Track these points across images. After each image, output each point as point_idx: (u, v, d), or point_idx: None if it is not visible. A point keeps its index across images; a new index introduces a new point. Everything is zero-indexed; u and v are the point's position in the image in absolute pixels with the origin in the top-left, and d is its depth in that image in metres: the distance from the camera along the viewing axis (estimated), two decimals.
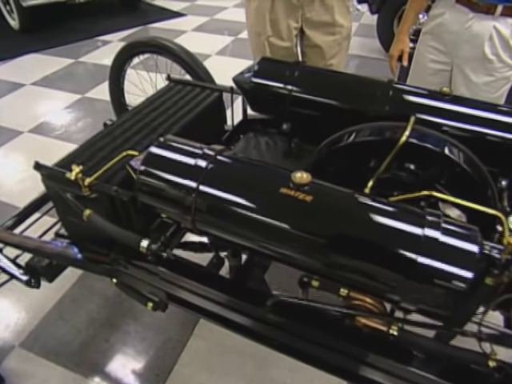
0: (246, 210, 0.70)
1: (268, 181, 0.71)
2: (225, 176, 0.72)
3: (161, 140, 0.78)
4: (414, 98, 1.03)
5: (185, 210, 0.72)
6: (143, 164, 0.75)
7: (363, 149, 0.94)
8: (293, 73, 1.09)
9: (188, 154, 0.74)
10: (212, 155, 0.73)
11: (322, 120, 1.14)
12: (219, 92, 1.31)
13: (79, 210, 0.89)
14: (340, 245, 0.65)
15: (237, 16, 4.58)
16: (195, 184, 0.70)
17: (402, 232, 0.62)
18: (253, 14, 1.51)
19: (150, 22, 4.34)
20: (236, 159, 0.76)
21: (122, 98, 2.13)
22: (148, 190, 0.76)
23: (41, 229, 1.38)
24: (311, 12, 1.45)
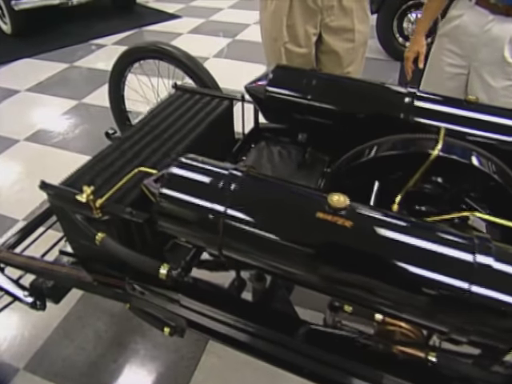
0: (279, 235, 0.65)
1: (302, 204, 0.66)
2: (255, 198, 0.67)
3: (181, 160, 0.73)
4: (438, 106, 0.98)
5: (211, 236, 0.67)
6: (163, 186, 0.69)
7: (388, 163, 0.90)
8: (310, 81, 1.04)
9: (213, 175, 0.69)
10: (239, 176, 0.68)
11: (340, 130, 1.09)
12: (229, 100, 1.26)
13: (91, 233, 0.84)
14: (383, 273, 0.61)
15: (233, 17, 4.53)
16: (223, 207, 0.65)
17: (451, 259, 0.58)
18: (269, 18, 1.44)
19: (144, 25, 4.27)
20: (265, 179, 0.71)
21: (123, 104, 2.07)
22: (169, 214, 0.70)
23: (44, 245, 1.33)
24: (330, 17, 1.39)
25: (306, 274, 0.65)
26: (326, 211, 0.64)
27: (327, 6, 1.36)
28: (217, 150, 1.29)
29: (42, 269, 1.08)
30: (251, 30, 4.21)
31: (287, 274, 0.68)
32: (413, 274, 0.60)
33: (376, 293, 0.62)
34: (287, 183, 0.71)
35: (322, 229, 0.63)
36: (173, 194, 0.69)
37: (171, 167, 0.71)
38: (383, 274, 0.61)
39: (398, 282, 0.60)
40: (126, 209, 0.83)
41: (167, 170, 0.72)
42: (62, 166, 2.28)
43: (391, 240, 0.62)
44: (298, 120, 1.10)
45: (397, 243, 0.62)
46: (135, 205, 0.89)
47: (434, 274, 0.59)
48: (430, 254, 0.60)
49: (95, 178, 0.95)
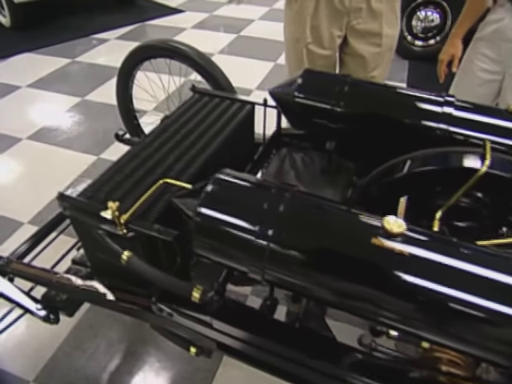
0: (329, 262, 0.60)
1: (355, 228, 0.61)
2: (304, 221, 0.62)
3: (220, 176, 0.67)
4: (478, 116, 0.94)
5: (254, 260, 0.62)
6: (201, 205, 0.64)
7: (428, 179, 0.85)
8: (341, 87, 0.99)
9: (256, 194, 0.64)
10: (286, 196, 0.63)
11: (371, 139, 1.04)
12: (251, 105, 1.21)
13: (116, 251, 0.78)
14: (444, 304, 0.56)
15: (237, 12, 4.45)
16: (269, 230, 0.60)
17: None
18: (292, 18, 1.39)
19: (147, 19, 4.18)
20: (313, 199, 0.66)
21: (131, 104, 2.01)
22: (207, 236, 0.65)
23: (54, 251, 1.28)
24: (357, 19, 1.33)
25: (356, 302, 0.61)
26: (381, 236, 0.59)
27: (355, 7, 1.30)
28: (239, 156, 1.24)
29: (55, 283, 1.02)
30: (256, 26, 4.13)
31: (335, 301, 0.63)
32: (476, 306, 0.55)
33: (435, 324, 0.57)
34: (336, 203, 0.66)
35: (377, 256, 0.58)
36: (212, 214, 0.64)
37: (209, 185, 0.66)
38: (444, 304, 0.56)
39: (460, 314, 0.56)
40: (153, 225, 0.78)
41: (205, 188, 0.66)
42: (66, 166, 2.23)
43: (453, 269, 0.57)
44: (327, 127, 1.05)
45: (458, 272, 0.57)
46: (161, 220, 0.84)
47: (501, 305, 0.54)
48: (493, 283, 0.56)
49: (116, 189, 0.90)
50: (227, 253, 0.65)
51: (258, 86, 2.99)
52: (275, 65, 3.35)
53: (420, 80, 3.20)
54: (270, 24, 4.18)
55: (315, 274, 0.62)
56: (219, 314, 0.75)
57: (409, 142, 0.99)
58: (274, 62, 3.38)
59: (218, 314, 0.75)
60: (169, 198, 0.87)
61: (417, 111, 0.97)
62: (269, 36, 3.87)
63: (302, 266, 0.61)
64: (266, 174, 1.17)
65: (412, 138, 0.98)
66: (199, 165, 0.97)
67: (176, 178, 0.93)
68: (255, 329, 0.77)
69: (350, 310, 0.63)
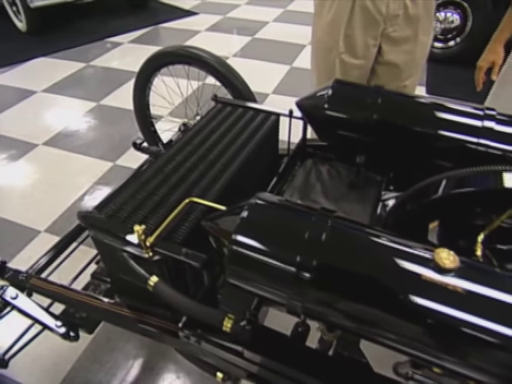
0: (374, 296, 0.55)
1: (403, 260, 0.56)
2: (347, 251, 0.57)
3: (256, 202, 0.63)
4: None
5: (293, 292, 0.57)
6: (237, 233, 0.60)
7: (467, 201, 0.80)
8: (375, 99, 0.94)
9: (296, 222, 0.60)
10: (327, 224, 0.59)
11: (404, 153, 0.99)
12: (276, 116, 1.17)
13: (142, 275, 0.75)
14: (504, 347, 0.51)
15: (251, 14, 4.42)
16: (310, 261, 0.56)
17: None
18: (325, 27, 1.33)
19: (160, 22, 4.16)
20: (355, 227, 0.61)
21: (147, 110, 1.98)
22: (243, 266, 0.61)
23: (73, 263, 1.26)
24: (394, 26, 1.27)
25: (402, 339, 0.56)
26: (432, 271, 0.54)
27: (392, 14, 1.24)
28: (263, 169, 1.20)
29: (76, 302, 0.99)
30: (270, 28, 4.09)
31: (378, 339, 0.58)
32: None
33: (496, 368, 0.52)
34: (379, 231, 0.62)
35: (428, 293, 0.54)
36: (248, 243, 0.59)
37: (245, 210, 0.62)
38: (505, 346, 0.51)
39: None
40: (181, 249, 0.74)
41: (240, 213, 0.62)
42: (82, 172, 2.21)
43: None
44: (358, 140, 1.00)
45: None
46: (187, 241, 0.80)
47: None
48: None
49: (139, 207, 0.86)
50: (264, 283, 0.61)
51: (274, 90, 2.95)
52: (291, 68, 3.30)
53: (439, 83, 3.12)
54: (285, 26, 4.13)
55: (360, 309, 0.57)
56: (251, 344, 0.71)
57: (445, 158, 0.95)
58: (290, 66, 3.34)
59: (250, 344, 0.71)
60: (195, 218, 0.83)
61: (454, 125, 0.91)
62: (284, 38, 3.82)
63: (346, 300, 0.57)
64: (291, 187, 1.12)
65: (448, 154, 0.93)
66: (225, 181, 0.93)
67: (201, 195, 0.89)
68: (288, 358, 0.73)
69: (396, 348, 0.58)
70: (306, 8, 4.61)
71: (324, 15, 1.32)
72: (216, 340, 0.73)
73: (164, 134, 2.00)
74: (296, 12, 4.51)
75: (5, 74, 3.18)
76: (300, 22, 4.20)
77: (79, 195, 2.04)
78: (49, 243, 1.80)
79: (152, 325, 0.85)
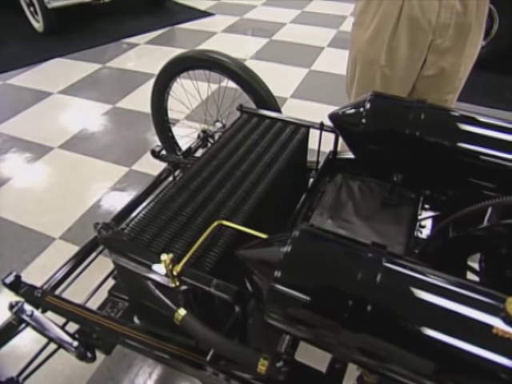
0: (435, 347, 0.49)
1: (468, 308, 0.50)
2: (406, 295, 0.51)
3: (300, 235, 0.57)
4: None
5: (344, 338, 0.51)
6: (280, 269, 0.54)
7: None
8: (418, 115, 0.87)
9: (346, 259, 0.53)
10: (381, 263, 0.52)
11: (444, 171, 0.92)
12: (306, 128, 1.10)
13: (168, 305, 0.69)
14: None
15: (268, 15, 4.35)
16: (365, 305, 0.49)
17: None
18: (368, 38, 1.23)
19: (176, 23, 4.12)
20: (414, 267, 0.55)
21: (165, 116, 1.93)
22: (285, 308, 0.55)
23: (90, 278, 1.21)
24: (443, 37, 1.16)
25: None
26: (501, 320, 0.47)
27: (443, 24, 1.13)
28: (292, 184, 1.14)
29: (92, 323, 0.94)
30: (288, 30, 4.02)
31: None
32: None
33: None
34: (441, 273, 0.55)
35: (499, 347, 0.47)
36: (293, 283, 0.53)
37: (289, 245, 0.55)
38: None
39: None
40: (211, 280, 0.68)
41: (282, 247, 0.56)
42: (97, 177, 2.17)
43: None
44: (396, 157, 0.94)
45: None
46: (216, 270, 0.74)
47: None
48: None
49: (164, 229, 0.81)
50: (308, 327, 0.54)
51: (293, 95, 2.87)
52: (309, 71, 3.23)
53: (464, 88, 3.02)
54: (303, 28, 4.05)
55: (417, 361, 0.50)
56: (287, 383, 0.65)
57: (487, 178, 0.87)
58: (309, 69, 3.26)
59: (286, 383, 0.65)
60: (224, 244, 0.78)
61: (499, 143, 0.84)
62: (302, 40, 3.75)
63: (402, 350, 0.50)
64: (322, 205, 1.06)
65: (491, 175, 0.86)
66: (255, 201, 0.87)
67: (230, 216, 0.83)
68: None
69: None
70: (324, 9, 4.53)
71: (366, 25, 1.22)
72: (249, 379, 0.67)
73: (182, 140, 1.95)
74: (313, 13, 4.43)
75: (21, 76, 3.16)
76: (318, 24, 4.13)
77: (94, 201, 2.00)
78: (63, 251, 1.78)
79: (175, 354, 0.79)
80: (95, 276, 1.23)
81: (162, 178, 1.52)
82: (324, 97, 2.80)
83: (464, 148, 0.87)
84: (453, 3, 1.11)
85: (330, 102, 2.74)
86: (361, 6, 1.22)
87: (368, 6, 1.19)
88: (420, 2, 1.11)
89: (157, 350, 0.82)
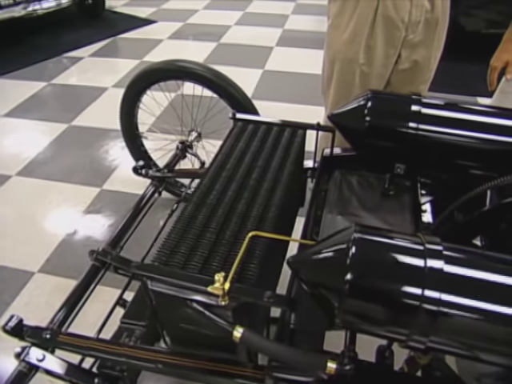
0: (501, 322, 0.53)
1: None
2: (471, 278, 0.54)
3: (360, 236, 0.58)
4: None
5: (419, 328, 0.54)
6: (351, 272, 0.55)
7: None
8: (418, 108, 0.92)
9: (409, 253, 0.56)
10: (443, 252, 0.56)
11: (442, 159, 0.98)
12: (303, 130, 1.13)
13: (219, 324, 0.68)
14: None
15: (211, 19, 4.34)
16: (437, 293, 0.52)
17: None
18: (346, 39, 1.29)
19: (119, 33, 3.98)
20: (466, 251, 0.58)
21: (136, 130, 1.87)
22: (361, 307, 0.56)
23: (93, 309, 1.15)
24: (414, 33, 1.26)
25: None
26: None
27: (414, 21, 1.23)
28: (295, 185, 1.15)
29: (120, 355, 0.90)
30: (234, 32, 4.04)
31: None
32: None
33: None
34: (496, 256, 0.59)
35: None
36: (366, 282, 0.55)
37: (352, 246, 0.57)
38: None
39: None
40: (262, 292, 0.69)
41: (345, 249, 0.57)
42: (67, 202, 2.05)
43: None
44: (398, 150, 0.98)
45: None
46: (259, 281, 0.74)
47: None
48: None
49: (195, 248, 0.79)
50: (384, 322, 0.56)
51: (253, 96, 2.89)
52: (264, 71, 3.27)
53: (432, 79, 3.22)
54: (248, 29, 4.09)
55: (485, 335, 0.55)
56: (353, 380, 0.67)
57: (489, 162, 0.95)
58: (262, 69, 3.30)
59: (353, 380, 0.67)
60: (261, 254, 0.78)
61: (497, 129, 0.91)
62: (250, 42, 3.78)
63: (477, 329, 0.54)
64: (328, 203, 1.09)
65: (492, 159, 0.93)
66: (276, 208, 0.88)
67: (258, 226, 0.83)
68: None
69: None
70: (265, 9, 4.60)
71: (343, 27, 1.28)
72: (312, 382, 0.68)
73: (156, 153, 1.90)
74: (256, 14, 4.49)
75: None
76: (262, 24, 4.18)
77: (70, 227, 1.89)
78: (46, 285, 1.67)
79: (225, 373, 0.78)
80: (100, 307, 1.18)
81: (148, 196, 1.48)
82: (284, 96, 2.86)
83: (458, 134, 0.94)
84: (422, 2, 1.20)
85: (291, 100, 2.81)
86: (335, 9, 1.28)
87: (343, 9, 1.25)
88: (394, 2, 1.18)
89: (199, 372, 0.81)
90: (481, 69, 1.90)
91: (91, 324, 1.19)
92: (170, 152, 1.70)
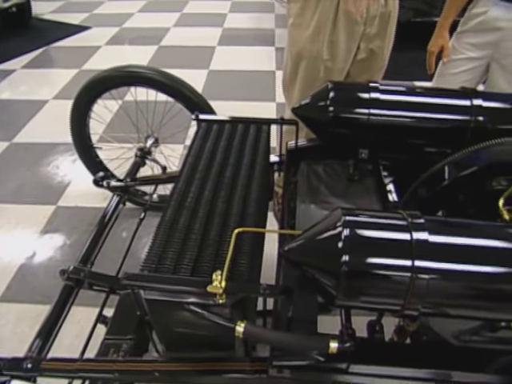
0: (484, 280, 0.59)
1: (500, 241, 0.61)
2: (456, 244, 0.60)
3: (350, 219, 0.62)
4: (501, 104, 0.99)
5: (414, 296, 0.58)
6: (347, 253, 0.58)
7: (485, 174, 0.88)
8: (376, 95, 0.98)
9: (394, 228, 0.60)
10: (425, 224, 0.61)
11: (404, 141, 1.05)
12: (267, 125, 1.15)
13: (220, 325, 0.69)
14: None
15: (148, 22, 4.25)
16: (427, 262, 0.57)
17: None
18: (309, 37, 1.33)
19: (51, 42, 3.78)
20: (451, 221, 0.64)
21: (90, 141, 1.81)
22: (359, 285, 0.60)
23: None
24: (371, 27, 1.33)
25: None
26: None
27: (371, 16, 1.31)
28: (267, 180, 1.17)
29: (109, 372, 0.87)
30: (174, 34, 3.99)
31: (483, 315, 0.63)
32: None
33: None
34: (469, 222, 0.65)
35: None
36: (362, 260, 0.58)
37: (345, 228, 0.60)
38: None
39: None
40: (257, 286, 0.70)
41: (337, 233, 0.60)
42: (23, 223, 1.93)
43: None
44: (360, 136, 1.04)
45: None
46: (252, 275, 0.76)
47: None
48: None
49: (183, 252, 0.79)
50: (381, 296, 0.60)
51: None
52: (209, 72, 3.26)
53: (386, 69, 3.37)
54: (188, 30, 4.06)
55: (471, 294, 0.60)
56: (355, 357, 0.70)
57: (442, 140, 1.03)
58: (208, 69, 3.29)
59: (354, 357, 0.70)
60: (249, 249, 0.79)
61: (447, 107, 1.00)
62: (192, 43, 3.76)
63: (461, 290, 0.60)
64: (299, 194, 1.12)
65: (444, 136, 1.01)
66: (255, 203, 0.90)
67: (241, 223, 0.85)
68: (388, 357, 0.74)
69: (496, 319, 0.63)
70: (203, 9, 4.58)
71: (305, 25, 1.33)
72: (315, 364, 0.71)
73: (113, 164, 1.85)
74: (194, 14, 4.46)
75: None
76: (202, 24, 4.17)
77: (28, 250, 1.79)
78: (9, 314, 1.57)
79: (225, 371, 0.79)
80: (78, 328, 1.13)
81: (113, 207, 1.43)
82: (232, 94, 2.87)
83: (413, 116, 1.01)
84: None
85: (240, 97, 2.83)
86: (296, 9, 1.33)
87: (304, 8, 1.31)
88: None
89: (201, 374, 0.81)
90: (415, 56, 2.04)
91: (67, 346, 1.15)
92: (126, 161, 1.66)
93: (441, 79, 1.57)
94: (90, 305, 1.18)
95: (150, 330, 0.88)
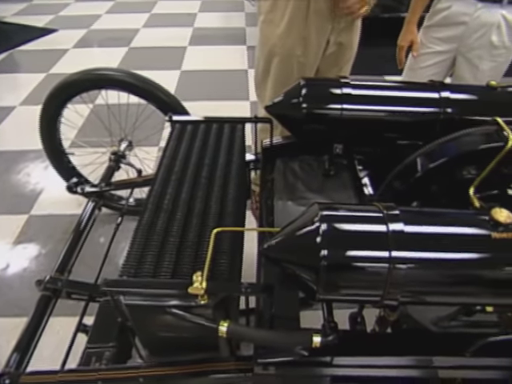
0: (459, 267, 0.61)
1: (472, 229, 0.63)
2: (428, 234, 0.61)
3: (325, 213, 0.62)
4: (468, 96, 1.02)
5: (391, 287, 0.59)
6: (326, 247, 0.59)
7: (456, 164, 0.90)
8: (348, 91, 0.99)
9: (371, 220, 0.62)
10: (399, 215, 0.62)
11: (377, 135, 1.07)
12: (242, 124, 1.15)
13: (204, 326, 0.69)
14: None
15: (117, 23, 4.17)
16: (401, 252, 0.59)
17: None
18: (282, 33, 1.33)
19: (15, 46, 3.66)
20: (424, 212, 0.65)
21: (61, 146, 1.77)
22: (339, 278, 0.60)
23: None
24: (340, 22, 1.35)
25: (490, 297, 0.63)
26: (498, 230, 0.61)
27: (340, 13, 1.32)
28: (244, 179, 1.17)
29: (93, 382, 0.86)
30: (144, 35, 3.93)
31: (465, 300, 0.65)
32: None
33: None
34: (439, 211, 0.67)
35: (503, 248, 0.61)
36: (339, 254, 0.59)
37: (323, 223, 0.60)
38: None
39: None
40: (238, 285, 0.71)
41: (315, 228, 0.61)
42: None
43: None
44: (334, 132, 1.05)
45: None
46: (232, 274, 0.76)
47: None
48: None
49: (162, 254, 0.78)
50: (361, 288, 0.62)
51: None
52: (181, 72, 3.23)
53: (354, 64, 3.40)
54: (158, 30, 4.00)
55: (448, 281, 0.62)
56: (338, 349, 0.71)
57: (413, 132, 1.05)
58: (179, 70, 3.26)
59: (338, 350, 0.71)
60: (228, 248, 0.79)
61: (417, 101, 1.02)
62: (162, 43, 3.71)
63: (437, 277, 0.61)
64: (277, 191, 1.13)
65: (415, 129, 1.04)
66: (233, 202, 0.90)
67: (220, 223, 0.85)
68: (371, 348, 0.75)
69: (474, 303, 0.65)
70: (172, 9, 4.53)
71: (277, 21, 1.33)
72: (299, 359, 0.72)
73: (86, 169, 1.81)
74: (163, 14, 4.40)
75: None
76: (171, 24, 4.12)
77: (2, 261, 1.73)
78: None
79: (210, 372, 0.79)
80: (46, 339, 1.10)
81: (89, 213, 1.40)
82: (205, 94, 2.85)
83: (384, 110, 1.03)
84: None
85: (213, 97, 2.82)
86: (267, 5, 1.33)
87: (275, 5, 1.31)
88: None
89: (187, 376, 0.81)
90: (384, 51, 2.08)
91: (47, 358, 1.11)
92: (101, 166, 1.63)
93: (410, 73, 1.61)
94: (68, 314, 1.15)
95: (132, 336, 0.87)
